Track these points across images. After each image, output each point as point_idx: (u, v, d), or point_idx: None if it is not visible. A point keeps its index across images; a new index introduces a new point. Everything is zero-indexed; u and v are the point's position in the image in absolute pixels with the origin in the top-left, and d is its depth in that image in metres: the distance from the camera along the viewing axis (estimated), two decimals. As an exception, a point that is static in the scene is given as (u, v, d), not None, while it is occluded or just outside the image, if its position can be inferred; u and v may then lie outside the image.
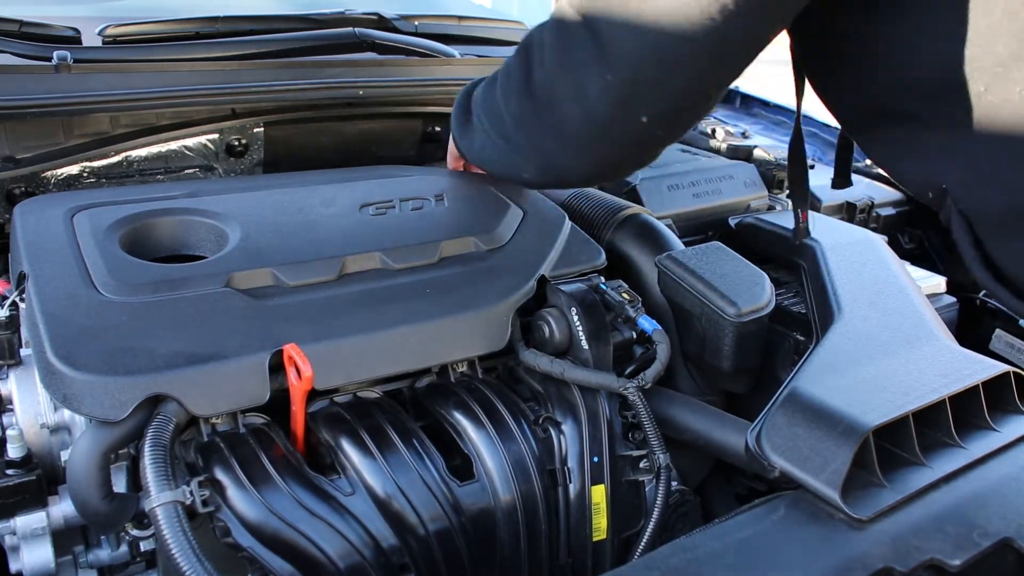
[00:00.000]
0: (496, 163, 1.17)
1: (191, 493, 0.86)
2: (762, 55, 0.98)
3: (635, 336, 1.16)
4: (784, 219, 1.44)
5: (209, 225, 1.17)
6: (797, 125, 1.08)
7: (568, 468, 1.07)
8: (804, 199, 1.16)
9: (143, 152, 1.43)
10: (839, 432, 0.90)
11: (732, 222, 1.51)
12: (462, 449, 1.03)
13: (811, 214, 1.49)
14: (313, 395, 0.99)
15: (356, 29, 1.64)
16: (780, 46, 0.99)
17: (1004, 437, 0.98)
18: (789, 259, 1.38)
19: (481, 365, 1.15)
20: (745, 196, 1.65)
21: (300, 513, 0.90)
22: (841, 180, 1.18)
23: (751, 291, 1.15)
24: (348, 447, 0.97)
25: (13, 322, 1.01)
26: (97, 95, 1.34)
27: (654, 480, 1.09)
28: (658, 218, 1.38)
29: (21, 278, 1.03)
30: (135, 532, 0.94)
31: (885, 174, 1.86)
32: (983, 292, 1.66)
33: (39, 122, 1.34)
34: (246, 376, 0.94)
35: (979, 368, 1.03)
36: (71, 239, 1.08)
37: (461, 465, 1.03)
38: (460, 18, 1.91)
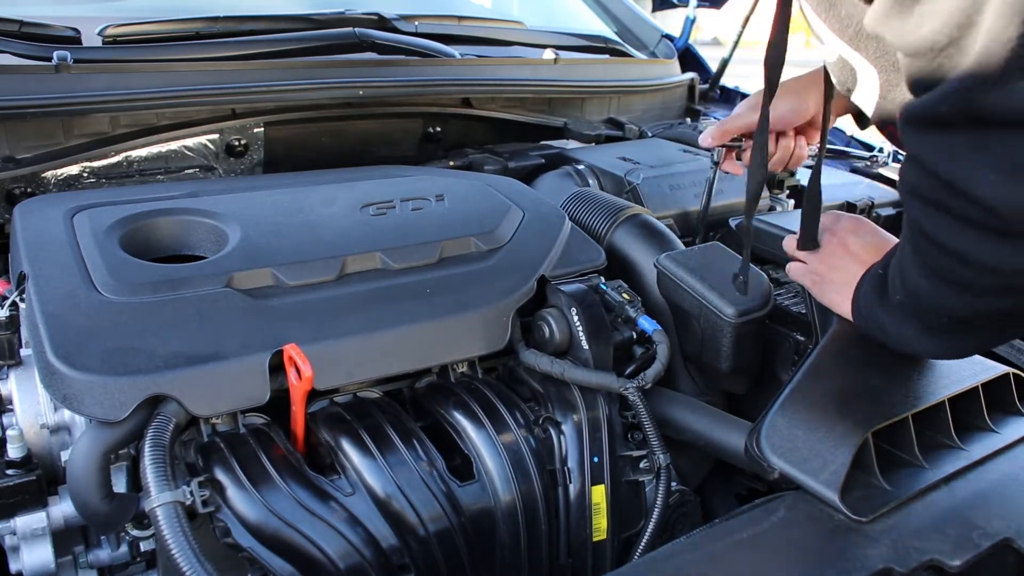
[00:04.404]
0: None
1: (191, 493, 0.86)
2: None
3: (635, 336, 1.16)
4: (784, 220, 1.43)
5: (209, 225, 1.17)
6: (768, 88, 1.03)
7: (568, 468, 1.07)
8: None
9: (143, 152, 1.43)
10: (838, 433, 0.90)
11: (732, 222, 1.50)
12: (462, 449, 1.03)
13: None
14: (313, 395, 0.99)
15: (356, 29, 1.64)
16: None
17: (1004, 438, 0.98)
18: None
19: (481, 365, 1.15)
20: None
21: (300, 513, 0.90)
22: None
23: (749, 292, 1.15)
24: (348, 447, 0.97)
25: (13, 322, 1.01)
26: (97, 95, 1.34)
27: (654, 480, 1.09)
28: (658, 218, 1.38)
29: (21, 278, 1.03)
30: (135, 532, 0.94)
31: (885, 173, 1.86)
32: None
33: (39, 122, 1.34)
34: (246, 376, 0.94)
35: (979, 369, 1.03)
36: (71, 239, 1.08)
37: (461, 465, 1.03)
38: (460, 18, 1.91)
